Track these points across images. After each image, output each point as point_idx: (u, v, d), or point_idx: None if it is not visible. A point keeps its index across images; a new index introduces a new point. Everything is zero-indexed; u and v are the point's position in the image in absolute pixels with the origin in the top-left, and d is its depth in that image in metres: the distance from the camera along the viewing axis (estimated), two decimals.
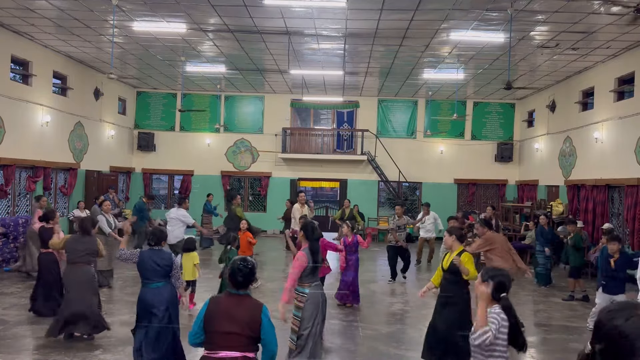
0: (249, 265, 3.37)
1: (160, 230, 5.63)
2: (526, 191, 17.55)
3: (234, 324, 3.20)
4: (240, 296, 3.33)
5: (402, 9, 9.77)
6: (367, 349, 6.61)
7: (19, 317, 7.33)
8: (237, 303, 3.30)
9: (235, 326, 3.20)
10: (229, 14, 10.34)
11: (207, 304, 3.33)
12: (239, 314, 3.24)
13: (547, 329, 7.87)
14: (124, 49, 13.22)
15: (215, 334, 3.23)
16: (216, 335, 3.23)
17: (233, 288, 3.35)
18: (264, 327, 3.25)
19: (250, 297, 3.37)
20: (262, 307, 3.32)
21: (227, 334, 3.20)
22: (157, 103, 19.13)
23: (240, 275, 3.32)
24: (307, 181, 20.22)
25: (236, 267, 3.35)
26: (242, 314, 3.24)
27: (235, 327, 3.20)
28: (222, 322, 3.21)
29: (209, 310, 3.27)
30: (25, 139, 12.62)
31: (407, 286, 10.72)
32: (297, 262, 5.26)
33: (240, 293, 3.34)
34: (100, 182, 16.09)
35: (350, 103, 18.99)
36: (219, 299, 3.42)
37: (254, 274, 3.43)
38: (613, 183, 12.24)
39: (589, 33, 10.63)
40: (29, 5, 10.10)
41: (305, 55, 13.35)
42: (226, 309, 3.26)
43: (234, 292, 3.35)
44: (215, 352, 3.22)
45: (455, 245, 5.73)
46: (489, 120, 19.04)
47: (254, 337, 3.26)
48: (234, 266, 3.37)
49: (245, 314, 3.24)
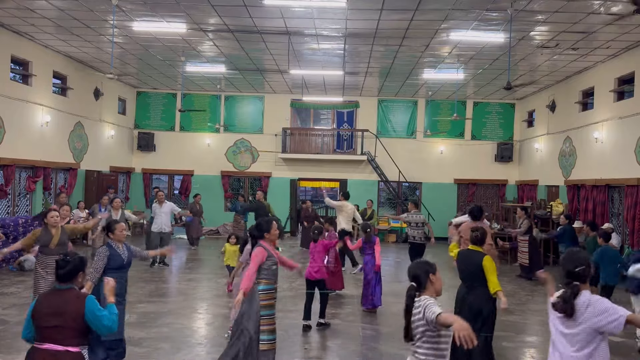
0: (70, 260, 3.49)
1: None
2: (526, 191, 17.55)
3: (56, 318, 3.33)
4: (62, 290, 3.46)
5: (402, 9, 9.77)
6: (367, 349, 6.61)
7: (19, 317, 7.32)
8: (60, 297, 3.41)
9: (58, 320, 3.32)
10: (229, 14, 10.34)
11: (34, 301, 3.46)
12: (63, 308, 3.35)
13: (547, 329, 7.85)
14: (124, 49, 13.22)
15: (40, 328, 3.37)
16: (42, 329, 3.36)
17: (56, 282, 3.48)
18: (88, 316, 3.36)
19: (74, 290, 3.50)
20: (85, 298, 3.43)
21: (53, 328, 3.33)
22: (157, 103, 19.13)
23: (62, 270, 3.44)
24: (307, 181, 20.22)
25: (59, 262, 3.47)
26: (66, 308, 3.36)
27: (57, 320, 3.32)
28: (46, 317, 3.35)
29: (35, 306, 3.40)
30: (25, 139, 12.62)
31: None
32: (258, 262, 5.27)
33: (62, 287, 3.46)
34: (100, 182, 16.09)
35: (350, 103, 19.00)
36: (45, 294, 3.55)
37: (78, 269, 3.52)
38: (613, 183, 12.24)
39: (589, 33, 10.63)
40: (29, 5, 10.10)
41: (305, 55, 13.35)
42: (49, 304, 3.37)
43: (59, 287, 3.47)
44: (40, 343, 3.37)
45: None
46: (489, 120, 19.04)
47: (80, 329, 3.37)
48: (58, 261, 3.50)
49: (70, 307, 3.36)
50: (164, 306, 8.39)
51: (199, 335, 7.01)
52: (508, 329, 7.57)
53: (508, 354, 6.64)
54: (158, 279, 10.70)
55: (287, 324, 7.36)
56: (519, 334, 7.48)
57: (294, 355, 6.23)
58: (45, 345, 3.33)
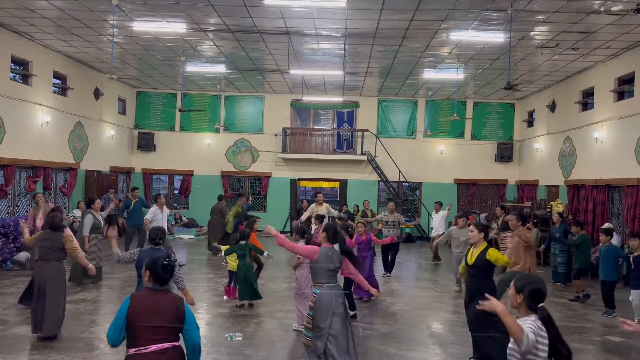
0: (172, 263, 3.57)
1: (164, 229, 5.88)
2: (526, 191, 17.54)
3: (160, 318, 3.34)
4: (162, 291, 3.49)
5: (402, 9, 9.77)
6: (367, 349, 6.60)
7: (19, 317, 7.33)
8: (161, 297, 3.46)
9: (162, 319, 3.35)
10: (229, 14, 10.34)
11: (128, 301, 3.40)
12: (165, 308, 3.39)
13: None
14: (124, 49, 13.22)
15: (142, 328, 3.34)
16: (144, 330, 3.33)
17: (156, 284, 3.48)
18: (188, 317, 3.44)
19: (170, 292, 3.56)
20: (183, 299, 3.55)
21: (155, 328, 3.34)
22: (157, 103, 19.13)
23: (165, 272, 3.48)
24: (307, 181, 20.21)
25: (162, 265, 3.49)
26: (168, 308, 3.40)
27: (162, 320, 3.35)
28: (149, 317, 3.34)
29: (131, 307, 3.36)
30: (25, 139, 12.62)
31: (407, 286, 10.72)
32: (306, 249, 5.34)
33: (161, 288, 3.50)
34: (100, 182, 16.09)
35: (350, 103, 19.00)
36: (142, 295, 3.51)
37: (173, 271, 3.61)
38: (613, 183, 12.24)
39: (589, 33, 10.63)
40: (29, 5, 10.10)
41: (305, 55, 13.35)
42: (151, 304, 3.38)
43: (156, 288, 3.49)
44: (145, 347, 3.33)
45: (480, 241, 5.84)
46: (489, 120, 19.04)
47: (179, 328, 3.42)
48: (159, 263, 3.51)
49: (171, 307, 3.41)
50: None
51: None
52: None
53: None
54: None
55: (287, 324, 7.36)
56: None
57: (294, 355, 6.22)
58: (151, 347, 3.32)
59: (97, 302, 8.41)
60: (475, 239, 5.84)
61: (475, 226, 5.97)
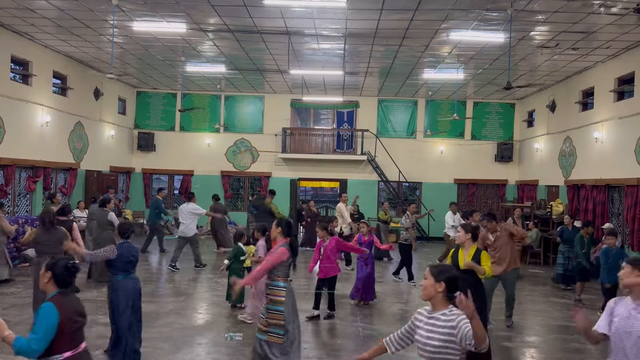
0: (77, 266, 3.62)
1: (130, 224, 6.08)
2: (526, 191, 17.55)
3: (83, 317, 3.53)
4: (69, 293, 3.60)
5: (402, 9, 9.77)
6: (367, 349, 6.60)
7: (19, 317, 7.33)
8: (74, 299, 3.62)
9: (83, 318, 3.54)
10: (229, 14, 10.34)
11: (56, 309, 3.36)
12: (81, 308, 3.55)
13: (547, 329, 7.87)
14: (124, 49, 13.22)
15: (74, 331, 3.45)
16: (76, 332, 3.46)
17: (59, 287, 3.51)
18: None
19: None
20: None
21: (81, 328, 3.53)
22: (157, 103, 19.13)
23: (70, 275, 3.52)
24: (307, 181, 20.21)
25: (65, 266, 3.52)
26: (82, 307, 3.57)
27: (83, 319, 3.54)
28: (77, 319, 3.46)
29: (62, 316, 3.36)
30: (25, 139, 12.62)
31: (407, 286, 10.71)
32: (276, 256, 5.18)
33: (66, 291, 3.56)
34: (100, 182, 16.09)
35: (350, 103, 19.00)
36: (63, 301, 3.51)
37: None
38: (613, 183, 12.24)
39: (589, 33, 10.63)
40: (29, 5, 10.10)
41: (305, 55, 13.35)
42: (73, 307, 3.49)
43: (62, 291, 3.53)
44: (77, 347, 3.45)
45: (469, 242, 5.75)
46: (489, 120, 19.04)
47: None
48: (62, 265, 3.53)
49: (82, 306, 3.59)
50: (164, 306, 8.39)
51: (199, 335, 7.01)
52: (508, 329, 7.57)
53: (508, 354, 6.64)
54: (157, 279, 10.72)
55: None
56: (519, 334, 7.48)
57: None
58: (82, 345, 3.50)
59: (97, 302, 8.41)
60: (462, 239, 5.75)
61: (463, 227, 5.88)
